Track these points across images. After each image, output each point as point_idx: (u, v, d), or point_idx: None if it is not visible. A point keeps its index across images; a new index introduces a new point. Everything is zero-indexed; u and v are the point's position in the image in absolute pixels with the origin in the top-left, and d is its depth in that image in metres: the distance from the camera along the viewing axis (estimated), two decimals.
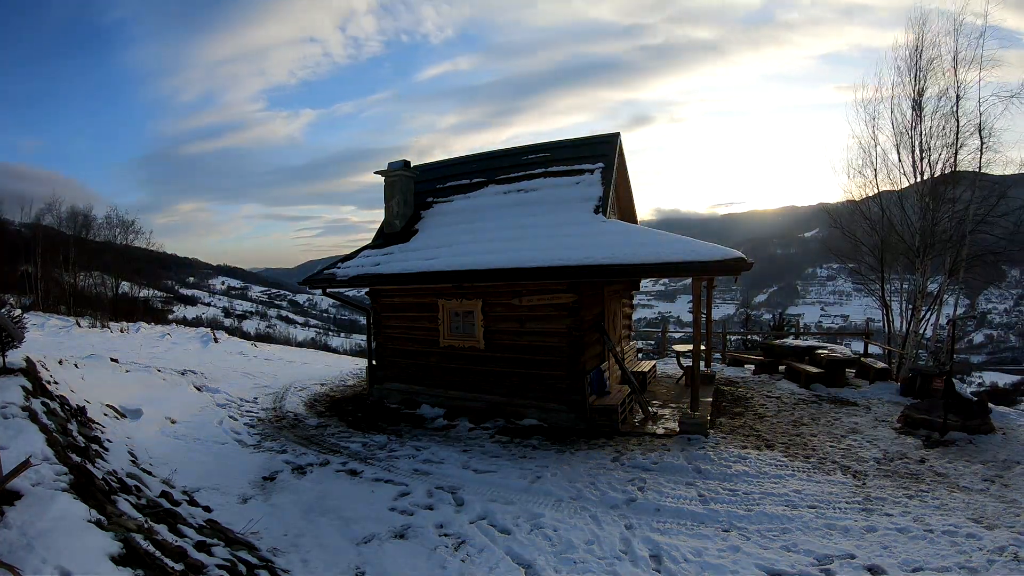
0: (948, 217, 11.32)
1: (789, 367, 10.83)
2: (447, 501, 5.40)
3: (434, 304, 9.25)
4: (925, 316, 11.99)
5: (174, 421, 7.79)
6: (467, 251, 8.64)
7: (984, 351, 74.19)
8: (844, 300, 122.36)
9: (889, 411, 8.24)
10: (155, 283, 47.43)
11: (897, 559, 4.04)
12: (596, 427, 7.71)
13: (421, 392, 9.57)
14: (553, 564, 4.14)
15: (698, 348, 7.57)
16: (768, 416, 8.15)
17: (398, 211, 10.61)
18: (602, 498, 5.35)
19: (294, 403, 9.94)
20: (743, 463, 6.09)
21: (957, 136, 10.99)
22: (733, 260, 6.55)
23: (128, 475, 4.80)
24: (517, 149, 10.79)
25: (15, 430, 3.98)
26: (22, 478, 3.07)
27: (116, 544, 2.74)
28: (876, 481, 5.55)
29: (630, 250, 7.22)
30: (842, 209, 14.20)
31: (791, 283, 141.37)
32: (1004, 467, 5.89)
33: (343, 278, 9.63)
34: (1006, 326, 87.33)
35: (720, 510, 4.95)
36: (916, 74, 11.53)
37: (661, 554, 4.24)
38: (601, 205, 8.56)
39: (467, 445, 7.27)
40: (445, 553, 4.35)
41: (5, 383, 4.95)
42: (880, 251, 12.78)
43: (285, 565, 4.05)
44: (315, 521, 4.95)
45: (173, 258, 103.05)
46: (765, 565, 4.03)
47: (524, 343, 8.45)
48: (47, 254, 27.87)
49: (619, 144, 9.65)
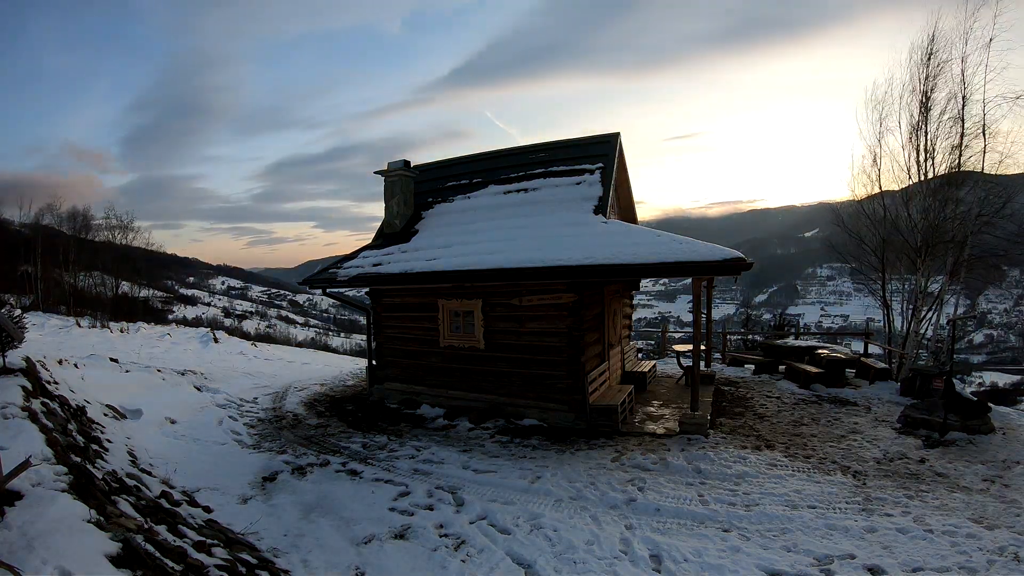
0: (951, 217, 11.33)
1: (789, 367, 10.82)
2: (447, 501, 5.40)
3: (434, 304, 9.25)
4: (926, 316, 11.99)
5: (174, 421, 7.79)
6: (467, 251, 8.64)
7: (984, 351, 74.14)
8: (844, 300, 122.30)
9: (889, 411, 8.24)
10: (155, 283, 47.47)
11: (897, 559, 4.04)
12: (596, 427, 7.71)
13: (421, 392, 9.57)
14: (553, 564, 4.14)
15: (698, 348, 7.56)
16: (768, 416, 8.15)
17: (398, 211, 10.61)
18: (602, 498, 5.34)
19: (294, 403, 9.94)
20: (743, 463, 6.09)
21: (962, 137, 11.01)
22: (733, 260, 6.55)
23: (128, 475, 4.80)
24: (517, 149, 10.80)
25: (15, 430, 3.99)
26: (22, 478, 3.07)
27: (116, 544, 2.74)
28: (876, 481, 5.55)
29: (630, 250, 7.22)
30: (845, 208, 14.23)
31: (791, 283, 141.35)
32: (1004, 467, 5.89)
33: (343, 278, 9.63)
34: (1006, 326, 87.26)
35: (720, 510, 4.95)
36: (926, 75, 11.57)
37: (661, 554, 4.24)
38: (601, 205, 8.56)
39: (467, 445, 7.27)
40: (445, 553, 4.35)
41: (5, 383, 4.95)
42: (882, 250, 12.78)
43: (285, 565, 4.05)
44: (315, 521, 4.95)
45: (173, 258, 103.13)
46: (765, 565, 4.03)
47: (524, 343, 8.45)
48: (47, 254, 27.88)
49: (619, 144, 9.65)
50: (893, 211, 12.57)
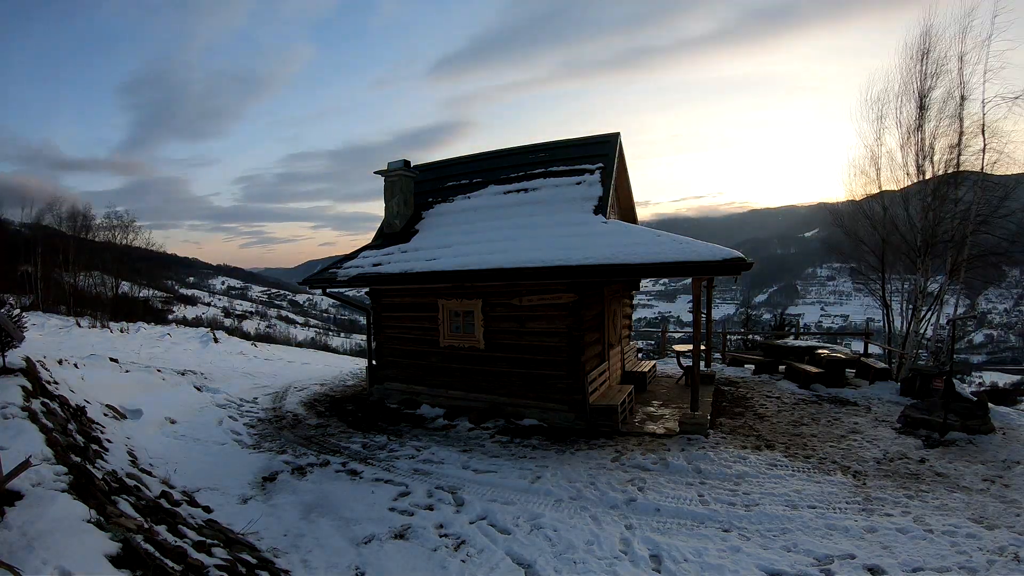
0: (950, 217, 11.33)
1: (789, 367, 10.82)
2: (447, 501, 5.40)
3: (434, 304, 9.25)
4: (925, 316, 11.99)
5: (174, 421, 7.79)
6: (467, 251, 8.64)
7: (984, 351, 74.17)
8: (844, 300, 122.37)
9: (889, 411, 8.24)
10: (155, 283, 47.42)
11: (897, 559, 4.04)
12: (596, 427, 7.71)
13: (421, 392, 9.57)
14: (553, 564, 4.14)
15: (698, 348, 7.56)
16: (768, 416, 8.15)
17: (398, 211, 10.61)
18: (602, 498, 5.34)
19: (294, 403, 9.94)
20: (743, 463, 6.09)
21: (961, 137, 11.01)
22: (733, 260, 6.55)
23: (128, 475, 4.80)
24: (517, 149, 10.80)
25: (15, 430, 3.99)
26: (22, 478, 3.07)
27: (116, 544, 2.74)
28: (876, 481, 5.55)
29: (630, 250, 7.22)
30: (845, 208, 14.23)
31: (791, 283, 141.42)
32: (1004, 467, 5.89)
33: (343, 278, 9.63)
34: (1006, 326, 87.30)
35: (720, 510, 4.95)
36: (923, 74, 11.57)
37: (661, 554, 4.24)
38: (601, 205, 8.56)
39: (467, 445, 7.27)
40: (445, 553, 4.35)
41: (5, 383, 4.95)
42: (882, 250, 12.79)
43: (285, 565, 4.05)
44: (315, 521, 4.95)
45: (173, 258, 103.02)
46: (765, 565, 4.03)
47: (524, 343, 8.45)
48: (47, 254, 27.89)
49: (619, 144, 9.65)
50: (892, 211, 12.59)
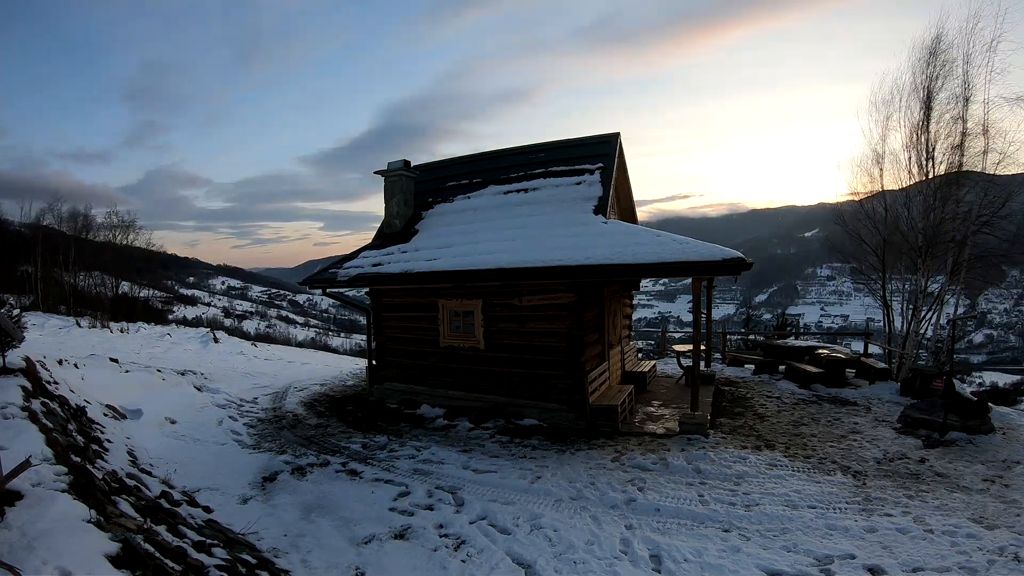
0: (951, 217, 11.33)
1: (789, 367, 10.82)
2: (447, 501, 5.40)
3: (434, 304, 9.25)
4: (926, 316, 11.99)
5: (174, 421, 7.79)
6: (467, 251, 8.64)
7: (984, 351, 74.20)
8: (844, 300, 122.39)
9: (889, 411, 8.24)
10: (155, 283, 47.45)
11: (897, 559, 4.04)
12: (596, 427, 7.71)
13: (421, 392, 9.57)
14: (553, 564, 4.14)
15: (698, 348, 7.56)
16: (768, 416, 8.15)
17: (398, 211, 10.61)
18: (602, 498, 5.34)
19: (294, 403, 9.94)
20: (743, 463, 6.09)
21: (963, 138, 11.02)
22: (733, 260, 6.55)
23: (128, 475, 4.80)
24: (517, 149, 10.80)
25: (15, 430, 3.98)
26: (22, 478, 3.07)
27: (115, 544, 2.73)
28: (876, 481, 5.54)
29: (630, 250, 7.22)
30: (846, 207, 14.24)
31: (791, 283, 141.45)
32: (1004, 467, 5.89)
33: (343, 278, 9.63)
34: (1006, 326, 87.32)
35: (720, 510, 4.95)
36: (929, 75, 11.59)
37: (661, 554, 4.24)
38: (601, 205, 8.56)
39: (467, 445, 7.27)
40: (445, 553, 4.35)
41: (5, 383, 4.95)
42: (883, 250, 12.78)
43: (285, 565, 4.05)
44: (315, 521, 4.96)
45: (173, 258, 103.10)
46: (765, 565, 4.03)
47: (524, 343, 8.45)
48: (47, 254, 27.85)
49: (619, 144, 9.65)
50: (894, 211, 12.58)
